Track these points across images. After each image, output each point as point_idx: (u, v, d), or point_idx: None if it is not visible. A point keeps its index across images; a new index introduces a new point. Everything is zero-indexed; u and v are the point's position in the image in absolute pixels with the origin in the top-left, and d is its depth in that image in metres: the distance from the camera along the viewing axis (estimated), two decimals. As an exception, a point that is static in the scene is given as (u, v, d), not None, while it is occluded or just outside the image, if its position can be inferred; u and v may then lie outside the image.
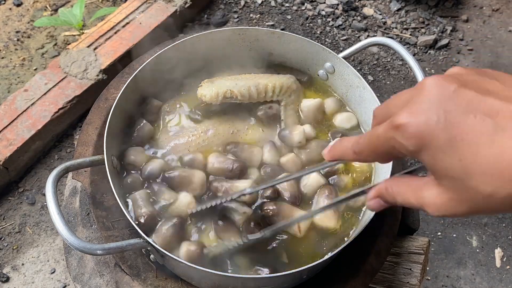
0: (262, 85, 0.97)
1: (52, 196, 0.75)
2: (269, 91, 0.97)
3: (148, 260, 0.87)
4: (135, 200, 0.86)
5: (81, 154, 0.99)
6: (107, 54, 1.64)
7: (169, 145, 0.94)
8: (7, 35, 1.87)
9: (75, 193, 1.05)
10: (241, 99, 0.95)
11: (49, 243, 1.41)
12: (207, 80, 0.99)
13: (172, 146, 0.94)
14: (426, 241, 1.06)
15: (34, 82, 1.57)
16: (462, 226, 1.61)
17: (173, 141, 0.95)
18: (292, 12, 2.07)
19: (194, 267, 0.76)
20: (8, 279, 1.34)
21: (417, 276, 1.01)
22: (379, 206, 0.57)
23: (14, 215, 1.45)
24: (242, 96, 0.95)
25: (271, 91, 0.97)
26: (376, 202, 0.56)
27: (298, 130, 0.94)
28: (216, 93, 0.94)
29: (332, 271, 0.89)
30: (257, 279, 0.80)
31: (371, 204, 0.57)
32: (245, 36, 1.04)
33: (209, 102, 0.94)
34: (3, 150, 1.43)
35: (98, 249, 0.73)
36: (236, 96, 0.95)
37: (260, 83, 0.97)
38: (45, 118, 1.50)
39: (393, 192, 0.53)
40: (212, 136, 0.95)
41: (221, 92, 0.94)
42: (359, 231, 0.80)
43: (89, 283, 0.92)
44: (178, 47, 0.99)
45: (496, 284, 1.51)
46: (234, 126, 0.97)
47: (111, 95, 1.07)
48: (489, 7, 2.18)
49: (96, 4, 1.99)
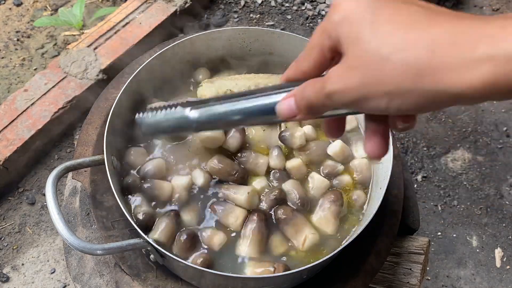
0: (262, 85, 0.97)
1: (52, 196, 0.75)
2: None
3: (148, 260, 0.87)
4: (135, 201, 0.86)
5: (81, 154, 0.99)
6: (107, 54, 1.64)
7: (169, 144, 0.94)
8: (7, 35, 1.87)
9: (75, 193, 1.04)
10: None
11: (49, 243, 1.41)
12: (207, 80, 0.99)
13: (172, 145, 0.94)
14: (426, 241, 1.06)
15: (34, 82, 1.57)
16: (462, 226, 1.61)
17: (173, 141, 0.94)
18: (292, 12, 2.07)
19: (194, 267, 0.76)
20: (8, 279, 1.34)
21: (417, 276, 1.01)
22: (288, 109, 0.49)
23: (14, 215, 1.45)
24: None
25: None
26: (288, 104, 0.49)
27: (299, 132, 0.94)
28: (216, 93, 0.94)
29: (332, 271, 0.89)
30: (257, 279, 0.80)
31: (281, 107, 0.49)
32: (245, 36, 1.04)
33: None
34: (3, 150, 1.43)
35: (98, 249, 0.73)
36: None
37: (260, 83, 0.97)
38: (45, 118, 1.50)
39: (304, 90, 0.47)
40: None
41: (221, 92, 0.94)
42: (359, 231, 0.80)
43: (89, 283, 0.92)
44: (178, 47, 0.99)
45: (496, 284, 1.51)
46: None
47: (111, 95, 1.07)
48: (489, 7, 2.18)
49: (96, 4, 1.99)
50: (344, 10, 0.43)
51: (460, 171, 1.71)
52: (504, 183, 1.69)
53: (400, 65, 0.39)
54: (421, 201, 1.64)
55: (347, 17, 0.43)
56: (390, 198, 0.97)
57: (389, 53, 0.39)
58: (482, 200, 1.66)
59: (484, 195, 1.67)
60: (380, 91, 0.40)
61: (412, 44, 0.39)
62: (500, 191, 1.67)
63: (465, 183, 1.69)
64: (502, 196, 1.66)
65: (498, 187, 1.68)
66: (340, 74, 0.43)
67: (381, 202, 0.81)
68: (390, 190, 0.97)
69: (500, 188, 1.68)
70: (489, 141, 1.78)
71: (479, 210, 1.64)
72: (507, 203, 1.65)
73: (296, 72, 0.51)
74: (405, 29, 0.39)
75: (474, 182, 1.69)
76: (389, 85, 0.40)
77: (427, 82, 0.38)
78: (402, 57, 0.39)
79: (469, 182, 1.69)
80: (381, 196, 0.82)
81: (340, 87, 0.43)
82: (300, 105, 0.48)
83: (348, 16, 0.43)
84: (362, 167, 0.95)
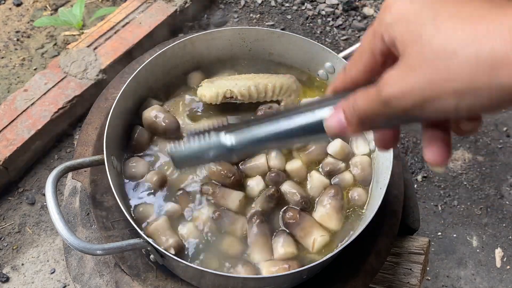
0: (262, 85, 0.97)
1: (52, 196, 0.75)
2: (269, 91, 0.97)
3: (148, 260, 0.87)
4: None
5: (81, 154, 0.99)
6: (107, 54, 1.64)
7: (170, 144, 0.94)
8: (7, 35, 1.87)
9: (75, 193, 1.04)
10: (241, 99, 0.95)
11: (49, 243, 1.41)
12: (207, 80, 0.99)
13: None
14: (426, 241, 1.06)
15: (34, 82, 1.57)
16: (462, 226, 1.61)
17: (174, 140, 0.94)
18: (292, 12, 2.07)
19: (194, 267, 0.76)
20: (8, 279, 1.34)
21: (417, 276, 1.01)
22: (339, 125, 0.45)
23: (14, 215, 1.45)
24: (242, 96, 0.95)
25: (271, 91, 0.97)
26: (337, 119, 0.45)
27: None
28: (216, 93, 0.94)
29: (332, 271, 0.89)
30: (257, 279, 0.80)
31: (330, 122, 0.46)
32: (245, 36, 1.04)
33: (209, 102, 0.94)
34: (3, 150, 1.43)
35: (98, 249, 0.73)
36: (236, 96, 0.94)
37: (260, 83, 0.97)
38: (45, 118, 1.50)
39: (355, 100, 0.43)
40: None
41: (221, 92, 0.94)
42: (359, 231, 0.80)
43: (89, 283, 0.92)
44: (178, 47, 0.99)
45: (496, 284, 1.51)
46: None
47: (111, 95, 1.07)
48: (489, 7, 2.18)
49: (96, 4, 1.99)
50: (398, 10, 0.40)
51: (460, 171, 1.71)
52: (504, 183, 1.69)
53: (471, 58, 0.35)
54: (421, 201, 1.64)
55: (403, 17, 0.40)
56: (390, 198, 0.97)
57: (458, 48, 0.35)
58: (482, 200, 1.66)
59: (484, 195, 1.67)
60: (448, 89, 0.36)
61: (484, 36, 0.35)
62: (500, 191, 1.67)
63: (465, 183, 1.69)
64: (502, 196, 1.66)
65: (498, 187, 1.68)
66: (398, 76, 0.39)
67: (381, 202, 0.81)
68: (390, 190, 0.97)
69: (500, 188, 1.68)
70: (489, 141, 1.78)
71: (479, 210, 1.64)
72: (507, 203, 1.65)
73: (344, 80, 0.47)
74: (472, 23, 0.36)
75: (474, 182, 1.69)
76: (459, 82, 0.36)
77: (505, 76, 0.34)
78: (474, 50, 0.35)
79: (469, 182, 1.69)
80: (381, 195, 0.82)
81: (400, 89, 0.39)
82: (351, 117, 0.43)
83: (404, 15, 0.40)
84: (363, 164, 0.94)
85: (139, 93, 0.98)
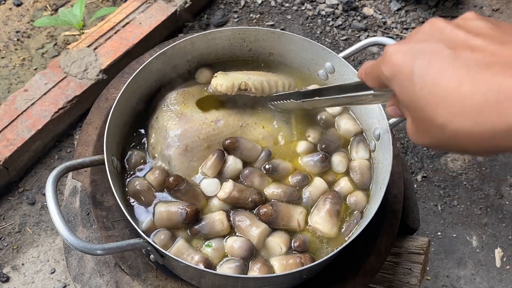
0: (273, 81, 1.00)
1: (52, 196, 0.75)
2: (279, 87, 0.99)
3: (148, 260, 0.87)
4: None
5: (81, 154, 0.99)
6: (107, 54, 1.64)
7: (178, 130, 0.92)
8: (7, 35, 1.87)
9: (75, 193, 1.04)
10: (255, 92, 0.96)
11: (49, 243, 1.41)
12: (221, 72, 0.99)
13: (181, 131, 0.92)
14: (426, 241, 1.06)
15: (34, 82, 1.57)
16: (462, 226, 1.61)
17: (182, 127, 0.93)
18: (292, 12, 2.07)
19: (194, 267, 0.76)
20: (8, 279, 1.34)
21: (417, 276, 1.01)
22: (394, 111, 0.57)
23: (14, 215, 1.46)
24: (256, 89, 0.96)
25: (281, 87, 1.00)
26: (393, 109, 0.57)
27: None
28: (232, 84, 0.93)
29: (332, 271, 0.89)
30: (257, 279, 0.80)
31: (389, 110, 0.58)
32: (245, 36, 1.04)
33: (224, 92, 0.93)
34: (3, 150, 1.43)
35: (98, 249, 0.73)
36: (251, 88, 0.95)
37: (271, 79, 0.99)
38: (45, 118, 1.50)
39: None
40: (222, 126, 0.95)
41: (237, 83, 0.94)
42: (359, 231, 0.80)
43: (89, 283, 0.92)
44: (178, 47, 0.99)
45: (496, 284, 1.51)
46: (243, 120, 0.97)
47: (111, 95, 1.07)
48: (489, 7, 2.18)
49: (96, 4, 1.99)
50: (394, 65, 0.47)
51: (460, 171, 1.71)
52: (504, 183, 1.69)
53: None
54: (421, 201, 1.64)
55: (397, 74, 0.46)
56: (390, 198, 0.97)
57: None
58: (482, 200, 1.66)
59: (484, 195, 1.67)
60: None
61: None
62: (500, 191, 1.68)
63: (465, 183, 1.69)
64: (502, 196, 1.67)
65: (498, 187, 1.68)
66: (413, 133, 0.48)
67: (381, 202, 0.81)
68: (390, 190, 0.97)
69: (500, 188, 1.68)
70: (489, 141, 1.78)
71: (479, 210, 1.64)
72: (507, 203, 1.65)
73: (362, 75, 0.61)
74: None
75: (474, 182, 1.69)
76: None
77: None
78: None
79: (469, 182, 1.69)
80: (381, 196, 0.82)
81: (419, 143, 0.48)
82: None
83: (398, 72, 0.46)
84: (363, 169, 0.94)
85: (139, 93, 0.98)
